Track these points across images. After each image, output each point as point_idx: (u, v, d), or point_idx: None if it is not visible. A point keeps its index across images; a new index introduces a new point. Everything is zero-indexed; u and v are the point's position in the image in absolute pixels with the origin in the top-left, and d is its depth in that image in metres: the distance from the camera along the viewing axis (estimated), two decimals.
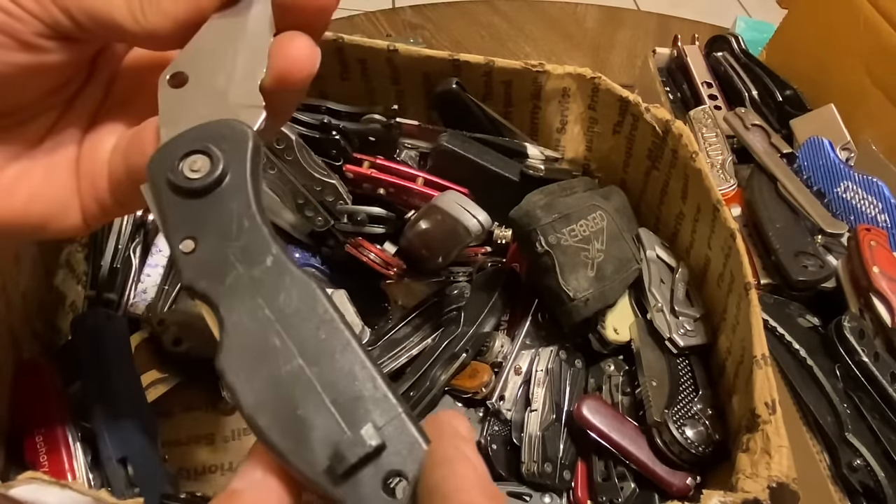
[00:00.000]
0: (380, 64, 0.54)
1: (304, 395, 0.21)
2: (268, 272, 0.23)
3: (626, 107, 0.53)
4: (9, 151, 0.29)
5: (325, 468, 0.21)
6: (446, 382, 0.49)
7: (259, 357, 0.22)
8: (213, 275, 0.23)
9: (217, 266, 0.23)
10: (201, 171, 0.24)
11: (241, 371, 0.22)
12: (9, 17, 0.25)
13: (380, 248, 0.53)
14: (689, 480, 0.45)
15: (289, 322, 0.22)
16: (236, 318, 0.22)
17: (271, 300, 0.22)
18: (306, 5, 0.27)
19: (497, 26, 1.05)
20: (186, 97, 0.26)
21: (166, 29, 0.26)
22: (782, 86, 0.77)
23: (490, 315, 0.52)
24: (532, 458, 0.46)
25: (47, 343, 0.50)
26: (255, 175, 0.24)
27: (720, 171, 0.68)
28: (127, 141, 0.29)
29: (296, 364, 0.22)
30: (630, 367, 0.51)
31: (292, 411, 0.21)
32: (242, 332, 0.22)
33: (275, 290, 0.23)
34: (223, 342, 0.22)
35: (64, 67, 0.28)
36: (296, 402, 0.21)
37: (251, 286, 0.23)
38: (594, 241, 0.50)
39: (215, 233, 0.23)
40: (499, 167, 0.53)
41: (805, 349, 0.53)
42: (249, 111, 0.25)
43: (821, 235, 0.61)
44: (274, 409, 0.21)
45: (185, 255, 0.23)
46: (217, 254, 0.23)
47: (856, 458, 0.49)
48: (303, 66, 0.27)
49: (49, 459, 0.41)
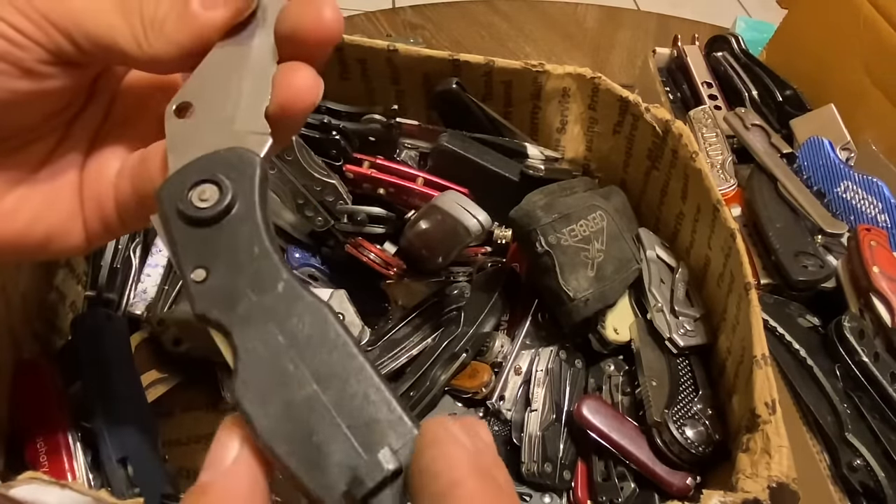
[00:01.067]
0: (380, 64, 0.54)
1: (320, 420, 0.21)
2: (279, 298, 0.23)
3: (626, 107, 0.53)
4: (9, 176, 0.28)
5: (343, 493, 0.21)
6: (446, 382, 0.49)
7: (273, 384, 0.22)
8: (225, 303, 0.23)
9: (229, 294, 0.23)
10: (210, 199, 0.24)
11: (256, 398, 0.22)
12: (11, 44, 0.25)
13: (380, 248, 0.53)
14: (689, 480, 0.45)
15: (302, 348, 0.22)
16: (250, 345, 0.22)
17: (284, 327, 0.23)
18: (308, 38, 0.27)
19: (497, 26, 1.05)
20: (193, 127, 0.26)
21: (170, 55, 0.26)
22: (782, 86, 0.77)
23: (490, 315, 0.52)
24: (532, 458, 0.46)
25: (47, 343, 0.50)
26: (262, 201, 0.24)
27: (720, 171, 0.68)
28: (133, 166, 0.29)
29: (310, 390, 0.22)
30: (630, 367, 0.51)
31: (308, 437, 0.21)
32: (256, 360, 0.22)
33: (287, 316, 0.23)
34: (237, 370, 0.22)
35: (65, 92, 0.28)
36: (312, 428, 0.21)
37: (263, 313, 0.23)
38: (594, 241, 0.50)
39: (226, 261, 0.23)
40: (499, 167, 0.53)
41: (805, 349, 0.53)
42: (256, 138, 0.26)
43: (821, 235, 0.61)
44: (290, 436, 0.21)
45: (196, 284, 0.23)
46: (228, 282, 0.23)
47: (856, 458, 0.49)
48: (305, 96, 0.27)
49: (49, 459, 0.41)
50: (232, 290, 0.23)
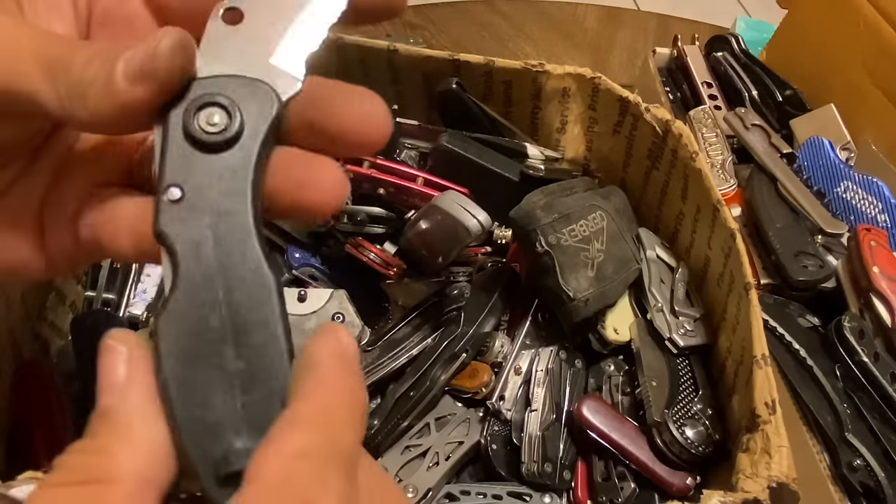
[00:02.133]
0: (380, 64, 0.54)
1: (222, 385, 0.21)
2: (234, 251, 0.22)
3: (626, 107, 0.53)
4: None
5: (214, 462, 0.21)
6: (446, 382, 0.49)
7: (194, 333, 0.22)
8: (185, 232, 0.22)
9: (193, 226, 0.22)
10: (217, 126, 0.23)
11: (173, 339, 0.22)
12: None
13: (380, 248, 0.53)
14: (689, 480, 0.45)
15: (234, 310, 0.22)
16: (189, 284, 0.22)
17: (228, 282, 0.22)
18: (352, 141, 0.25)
19: (497, 26, 1.05)
20: (233, 37, 0.24)
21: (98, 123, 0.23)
22: (782, 86, 0.77)
23: (490, 315, 0.52)
24: (532, 458, 0.46)
25: (47, 343, 0.50)
26: (264, 147, 0.23)
27: (720, 171, 0.68)
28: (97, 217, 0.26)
29: (227, 354, 0.21)
30: (630, 367, 0.51)
31: (205, 397, 0.21)
32: (189, 302, 0.22)
33: (237, 270, 0.22)
34: (168, 301, 0.22)
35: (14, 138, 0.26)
36: (211, 389, 0.21)
37: (215, 260, 0.22)
38: (594, 241, 0.50)
39: (204, 192, 0.23)
40: (499, 167, 0.53)
41: (805, 349, 0.53)
42: (286, 81, 0.24)
43: (821, 235, 0.61)
44: (188, 389, 0.21)
45: (167, 203, 0.23)
46: (197, 214, 0.23)
47: (856, 458, 0.49)
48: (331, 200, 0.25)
49: (49, 459, 0.41)
50: (197, 223, 0.22)
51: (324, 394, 0.21)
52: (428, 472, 0.46)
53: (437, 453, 0.47)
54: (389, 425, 0.47)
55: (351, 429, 0.21)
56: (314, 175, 0.25)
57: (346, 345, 0.22)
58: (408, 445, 0.48)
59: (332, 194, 0.25)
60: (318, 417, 0.20)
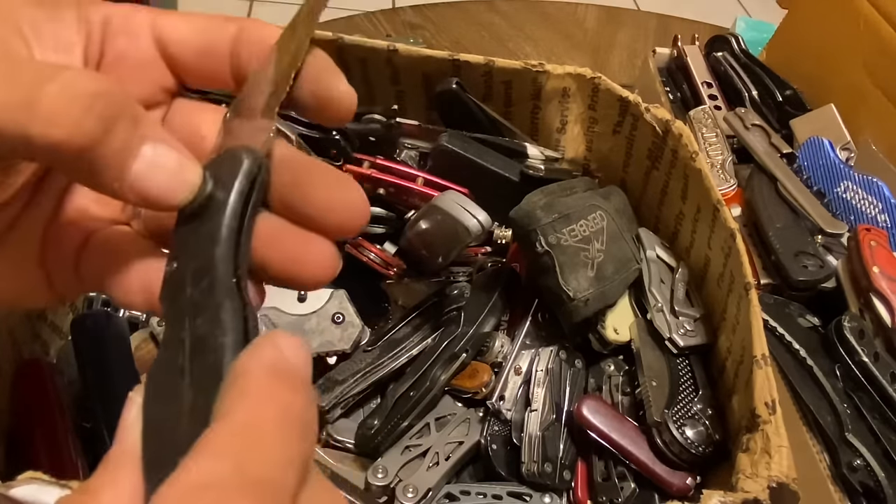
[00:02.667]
0: (380, 64, 0.54)
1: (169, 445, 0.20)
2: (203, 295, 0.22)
3: (626, 107, 0.53)
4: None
5: None
6: (446, 382, 0.49)
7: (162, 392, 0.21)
8: (173, 294, 0.23)
9: (177, 286, 0.23)
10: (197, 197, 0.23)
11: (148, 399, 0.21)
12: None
13: (380, 248, 0.53)
14: (689, 480, 0.45)
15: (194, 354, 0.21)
16: (167, 339, 0.22)
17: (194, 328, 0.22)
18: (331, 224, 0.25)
19: (497, 26, 1.05)
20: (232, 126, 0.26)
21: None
22: (782, 86, 0.77)
23: (490, 315, 0.52)
24: (532, 458, 0.46)
25: (47, 343, 0.50)
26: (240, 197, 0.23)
27: (720, 171, 0.68)
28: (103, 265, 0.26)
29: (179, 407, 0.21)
30: (630, 367, 0.51)
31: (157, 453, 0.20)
32: (163, 359, 0.22)
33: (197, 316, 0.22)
34: (155, 360, 0.22)
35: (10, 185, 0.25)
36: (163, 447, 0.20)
37: (190, 308, 0.22)
38: (594, 241, 0.50)
39: (187, 254, 0.23)
40: (499, 167, 0.53)
41: (805, 349, 0.53)
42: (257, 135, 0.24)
43: (821, 235, 0.61)
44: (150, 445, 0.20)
45: (168, 273, 0.23)
46: (181, 274, 0.23)
47: (856, 458, 0.49)
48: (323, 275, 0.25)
49: (49, 459, 0.41)
50: (180, 283, 0.23)
51: (245, 410, 0.18)
52: (428, 472, 0.46)
53: (437, 453, 0.47)
54: (389, 425, 0.47)
55: (279, 449, 0.18)
56: (309, 250, 0.25)
57: (284, 352, 0.20)
58: (408, 445, 0.48)
59: (325, 271, 0.25)
60: (230, 441, 0.18)
